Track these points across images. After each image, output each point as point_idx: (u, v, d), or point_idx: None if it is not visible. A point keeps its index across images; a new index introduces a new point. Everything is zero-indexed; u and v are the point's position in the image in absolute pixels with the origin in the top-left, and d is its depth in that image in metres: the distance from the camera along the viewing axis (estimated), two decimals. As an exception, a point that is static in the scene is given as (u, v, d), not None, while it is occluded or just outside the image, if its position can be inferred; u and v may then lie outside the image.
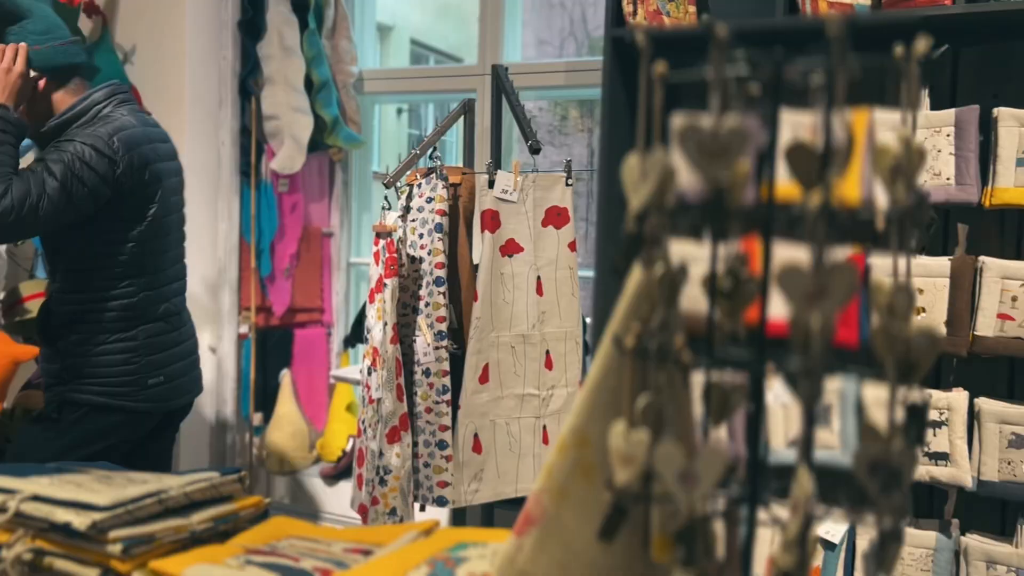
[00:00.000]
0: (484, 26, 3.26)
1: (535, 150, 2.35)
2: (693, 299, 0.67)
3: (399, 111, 7.22)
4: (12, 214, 1.79)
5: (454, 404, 2.35)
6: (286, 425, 3.40)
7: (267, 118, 3.27)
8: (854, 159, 0.60)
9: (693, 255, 0.66)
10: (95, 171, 1.90)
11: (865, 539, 2.06)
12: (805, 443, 0.60)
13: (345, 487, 3.38)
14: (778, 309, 0.61)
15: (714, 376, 0.64)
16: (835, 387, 0.69)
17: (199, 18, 3.08)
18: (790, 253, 0.60)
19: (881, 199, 0.63)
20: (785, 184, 0.61)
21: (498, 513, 2.59)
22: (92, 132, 1.93)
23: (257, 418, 3.40)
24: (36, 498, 1.01)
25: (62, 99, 2.04)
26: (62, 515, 0.98)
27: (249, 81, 3.22)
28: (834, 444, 0.71)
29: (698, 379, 0.67)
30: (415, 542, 1.04)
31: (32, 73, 1.97)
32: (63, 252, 2.07)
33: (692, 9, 2.26)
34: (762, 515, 0.64)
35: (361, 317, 3.50)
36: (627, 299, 0.73)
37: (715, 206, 0.60)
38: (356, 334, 3.55)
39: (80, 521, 0.96)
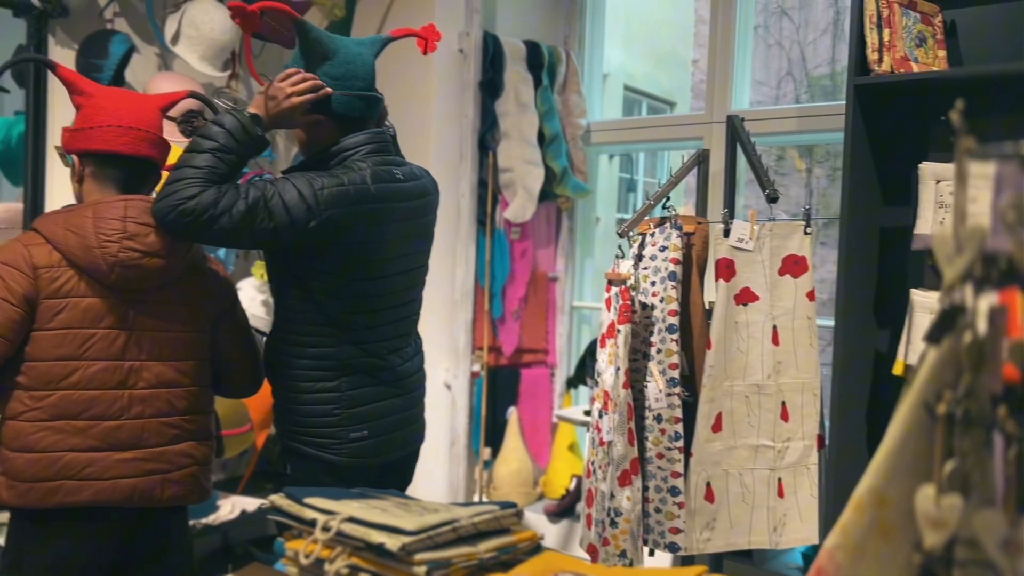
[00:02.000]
0: (712, 74, 3.30)
1: (772, 199, 2.35)
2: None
3: (610, 156, 7.36)
4: (190, 216, 1.73)
5: (686, 451, 2.37)
6: (512, 461, 3.55)
7: (502, 171, 3.48)
8: None
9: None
10: (288, 213, 1.79)
11: None
12: None
13: (568, 524, 3.46)
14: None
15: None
16: None
17: (445, 81, 3.34)
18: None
19: None
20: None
21: (727, 564, 2.57)
22: (313, 177, 1.84)
23: (486, 452, 3.57)
24: (352, 520, 1.15)
25: (328, 136, 1.97)
26: (376, 536, 1.11)
27: (487, 137, 3.44)
28: None
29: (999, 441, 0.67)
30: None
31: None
32: (275, 296, 2.05)
33: (942, 54, 2.19)
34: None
35: (584, 360, 3.60)
36: (930, 364, 0.75)
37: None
38: (579, 376, 3.65)
39: (392, 543, 1.09)
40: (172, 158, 2.68)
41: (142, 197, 1.84)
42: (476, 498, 3.56)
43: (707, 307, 2.46)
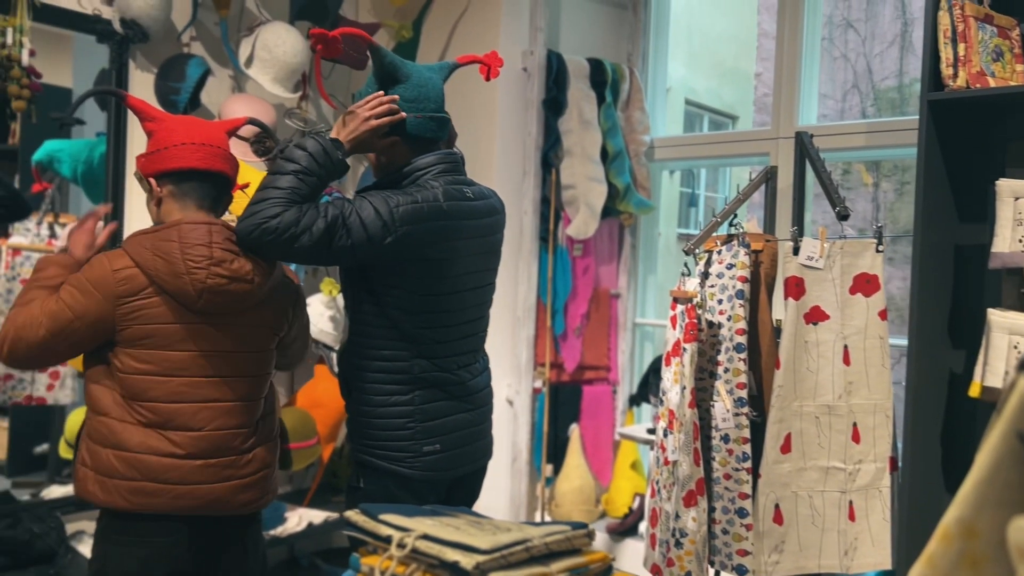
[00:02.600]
0: (778, 89, 3.27)
1: (843, 216, 2.32)
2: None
3: (670, 171, 7.33)
4: (273, 234, 1.79)
5: (754, 472, 2.34)
6: (575, 478, 3.54)
7: (565, 187, 3.49)
8: None
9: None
10: (365, 230, 1.84)
11: None
12: None
13: (631, 544, 3.44)
14: None
15: None
16: None
17: (509, 99, 3.38)
18: None
19: None
20: None
21: (795, 587, 2.52)
22: (388, 196, 1.88)
23: (548, 469, 3.57)
24: (426, 537, 1.17)
25: (402, 157, 2.01)
26: (451, 555, 1.12)
27: (550, 154, 3.46)
28: None
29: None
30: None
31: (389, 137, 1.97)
32: (349, 310, 2.09)
33: (1020, 68, 2.14)
34: None
35: (647, 377, 3.58)
36: (1022, 393, 0.73)
37: None
38: (642, 394, 3.63)
39: (467, 561, 1.10)
40: (243, 177, 2.77)
41: (224, 222, 1.89)
42: (538, 515, 3.56)
43: (775, 326, 2.44)
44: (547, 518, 3.58)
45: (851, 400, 2.33)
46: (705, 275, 2.46)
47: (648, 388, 3.51)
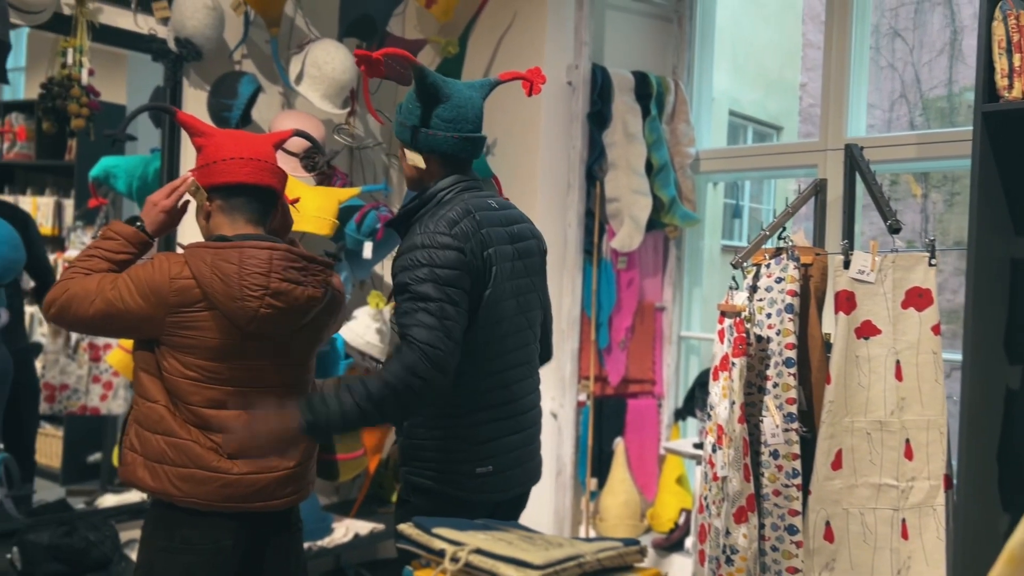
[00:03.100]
0: (826, 100, 3.24)
1: (895, 230, 2.28)
2: None
3: (714, 183, 7.28)
4: (420, 402, 1.81)
5: (804, 489, 2.31)
6: (619, 492, 3.52)
7: (609, 200, 3.48)
8: None
9: None
10: (450, 324, 1.82)
11: None
12: None
13: (677, 559, 3.41)
14: None
15: None
16: None
17: (553, 113, 3.39)
18: None
19: None
20: None
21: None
22: (417, 298, 1.83)
23: (592, 483, 3.56)
24: (480, 551, 1.18)
25: (435, 174, 2.02)
26: (504, 569, 1.13)
27: (595, 167, 3.46)
28: None
29: None
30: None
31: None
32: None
33: (1079, 77, 2.09)
34: None
35: (693, 391, 3.56)
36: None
37: None
38: (687, 408, 3.60)
39: (520, 576, 1.10)
40: (293, 192, 2.81)
41: (287, 247, 1.91)
42: (582, 529, 3.55)
43: (825, 340, 2.41)
44: (591, 532, 3.56)
45: (903, 416, 2.29)
46: (753, 289, 2.44)
47: (694, 402, 3.48)
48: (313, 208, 2.81)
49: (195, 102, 3.00)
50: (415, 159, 2.01)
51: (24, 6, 2.46)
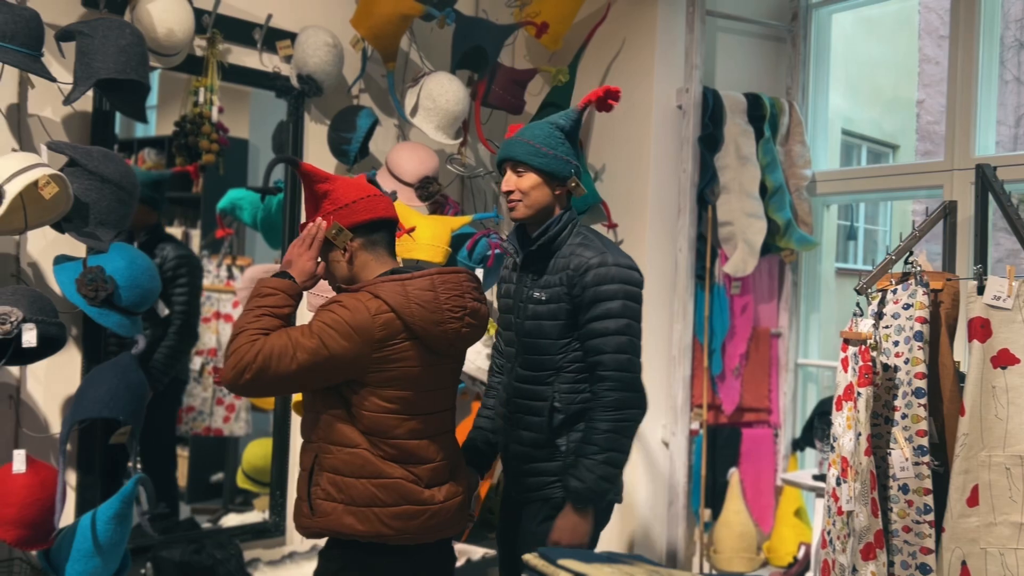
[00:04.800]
0: (952, 118, 3.11)
1: (1034, 254, 2.16)
2: None
3: (827, 204, 7.08)
4: (633, 430, 2.20)
5: (937, 526, 2.19)
6: (735, 524, 3.42)
7: (722, 224, 3.43)
8: None
9: None
10: (633, 346, 2.19)
11: None
12: None
13: (796, 596, 3.29)
14: None
15: None
16: None
17: (663, 137, 3.36)
18: None
19: None
20: None
21: (986, 653, 2.33)
22: (627, 331, 2.18)
23: (706, 514, 3.47)
24: (607, 584, 1.16)
25: (563, 205, 2.28)
26: (633, 604, 1.11)
27: (706, 191, 3.41)
28: None
29: None
30: None
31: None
32: (547, 353, 2.28)
33: None
34: None
35: (812, 421, 3.44)
36: None
37: None
38: (806, 438, 3.48)
39: (651, 612, 1.08)
40: (409, 221, 2.88)
41: (465, 269, 2.02)
42: (696, 561, 3.46)
43: (958, 369, 2.29)
44: (705, 565, 3.48)
45: (1048, 451, 2.15)
46: (879, 315, 2.35)
47: (813, 432, 3.37)
48: (427, 236, 2.87)
49: (315, 136, 3.12)
50: (579, 190, 2.27)
51: (161, 49, 2.61)
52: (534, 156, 2.22)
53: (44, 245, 2.54)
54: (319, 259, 1.97)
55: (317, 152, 3.12)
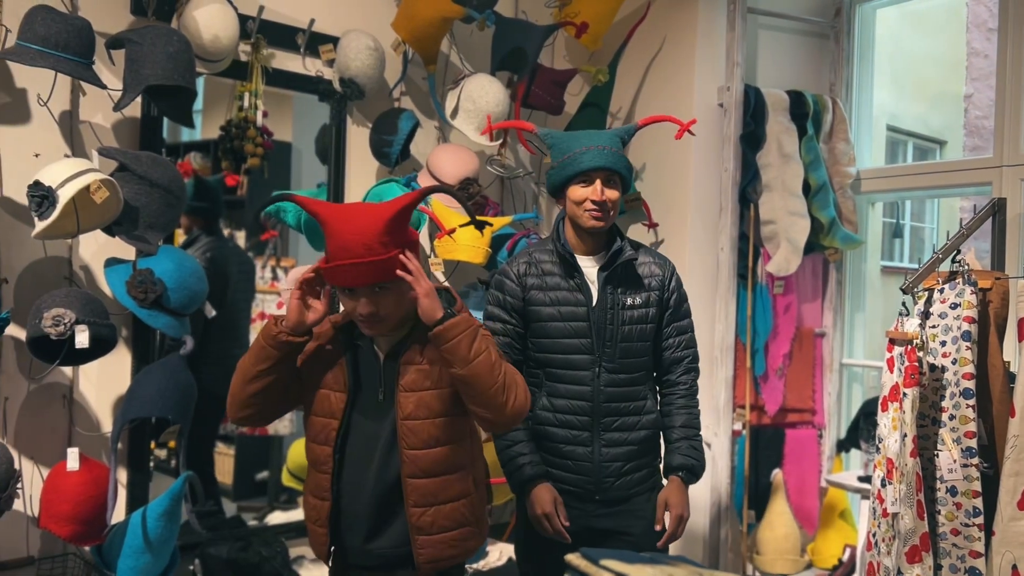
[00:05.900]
0: (1001, 114, 3.04)
1: (1087, 252, 2.11)
2: None
3: (872, 202, 6.96)
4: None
5: (987, 529, 2.15)
6: (778, 526, 3.39)
7: (764, 223, 3.39)
8: None
9: None
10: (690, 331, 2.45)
11: None
12: None
13: (841, 599, 3.24)
14: None
15: None
16: None
17: (704, 135, 3.34)
18: None
19: None
20: None
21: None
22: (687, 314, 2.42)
23: (749, 515, 3.44)
24: (649, 585, 1.16)
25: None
26: (676, 604, 1.11)
27: (748, 189, 3.38)
28: None
29: None
30: None
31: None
32: (627, 366, 2.41)
33: None
34: None
35: (857, 421, 3.39)
36: None
37: None
38: (851, 439, 3.44)
39: (694, 613, 1.08)
40: (450, 222, 2.89)
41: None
42: (738, 563, 3.43)
43: (1008, 370, 2.24)
44: (748, 567, 3.45)
45: (1103, 454, 2.10)
46: (926, 315, 2.31)
47: (858, 433, 3.32)
48: (468, 238, 2.89)
49: (358, 138, 3.15)
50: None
51: (207, 55, 2.66)
52: (629, 171, 2.27)
53: (95, 248, 2.61)
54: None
55: (359, 155, 3.15)
